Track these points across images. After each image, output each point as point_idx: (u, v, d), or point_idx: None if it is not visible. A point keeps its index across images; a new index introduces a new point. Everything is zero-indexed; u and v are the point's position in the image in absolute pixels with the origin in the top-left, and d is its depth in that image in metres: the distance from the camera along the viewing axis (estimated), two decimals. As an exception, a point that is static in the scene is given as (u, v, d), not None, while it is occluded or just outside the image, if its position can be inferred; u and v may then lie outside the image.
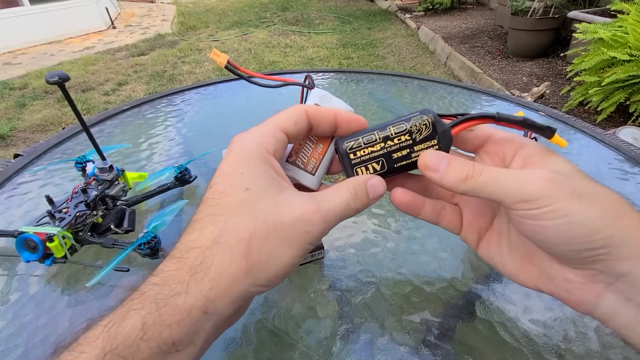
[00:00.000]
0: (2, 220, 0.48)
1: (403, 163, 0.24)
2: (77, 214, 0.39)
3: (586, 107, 2.17)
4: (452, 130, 0.23)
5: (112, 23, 4.98)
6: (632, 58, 1.83)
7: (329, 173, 0.26)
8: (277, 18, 5.17)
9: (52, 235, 0.36)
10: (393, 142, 0.23)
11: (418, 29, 4.15)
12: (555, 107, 2.23)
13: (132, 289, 0.19)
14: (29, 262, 0.37)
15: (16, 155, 0.63)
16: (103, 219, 0.42)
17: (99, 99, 2.88)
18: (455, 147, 0.25)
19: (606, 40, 1.95)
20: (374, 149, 0.23)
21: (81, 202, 0.41)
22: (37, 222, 0.39)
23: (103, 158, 0.45)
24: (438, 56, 3.47)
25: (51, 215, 0.39)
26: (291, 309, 0.36)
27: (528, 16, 2.87)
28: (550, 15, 2.82)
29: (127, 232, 0.42)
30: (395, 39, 4.01)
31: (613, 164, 0.59)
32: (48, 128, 2.48)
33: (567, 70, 2.34)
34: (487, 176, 0.21)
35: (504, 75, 2.81)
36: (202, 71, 3.37)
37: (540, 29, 2.88)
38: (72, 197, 0.41)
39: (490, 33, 3.71)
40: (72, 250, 0.39)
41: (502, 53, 3.21)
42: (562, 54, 2.75)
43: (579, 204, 0.19)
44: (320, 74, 0.94)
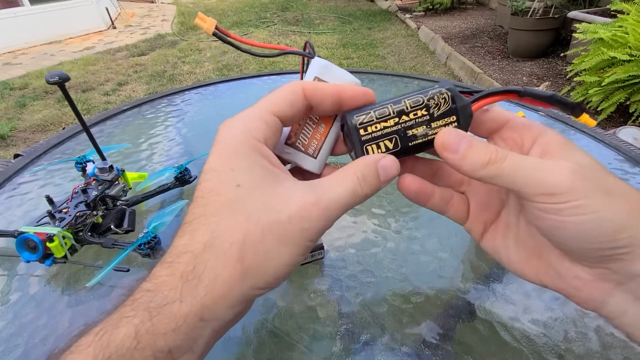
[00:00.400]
0: (2, 220, 0.48)
1: (419, 141, 0.21)
2: (77, 214, 0.39)
3: (586, 107, 2.17)
4: (473, 106, 0.21)
5: (112, 23, 4.98)
6: (632, 58, 1.83)
7: (333, 154, 0.24)
8: (277, 18, 5.17)
9: (52, 235, 0.36)
10: (408, 117, 0.21)
11: (418, 29, 4.15)
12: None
13: (127, 292, 0.18)
14: (29, 262, 0.37)
15: (16, 155, 0.63)
16: (103, 219, 0.42)
17: (99, 99, 2.88)
18: (468, 131, 0.22)
19: (606, 40, 1.95)
20: (386, 124, 0.21)
21: (81, 202, 0.41)
22: (37, 222, 0.39)
23: (103, 158, 0.45)
24: (438, 56, 3.47)
25: (51, 215, 0.39)
26: (291, 309, 0.36)
27: (528, 16, 2.87)
28: (550, 16, 2.82)
29: (127, 232, 0.42)
30: (395, 39, 4.01)
31: (613, 164, 0.59)
32: (48, 128, 2.48)
33: (567, 70, 2.34)
34: (510, 162, 0.19)
35: (504, 75, 2.81)
36: (202, 71, 3.37)
37: (540, 29, 2.88)
38: (72, 197, 0.41)
39: (490, 33, 3.71)
40: (72, 250, 0.39)
41: (502, 53, 3.21)
42: (562, 54, 2.75)
43: (606, 200, 0.18)
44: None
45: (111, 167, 0.45)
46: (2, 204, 0.51)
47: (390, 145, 0.21)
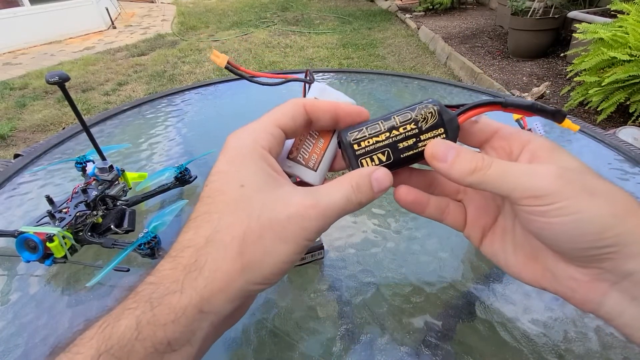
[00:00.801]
0: (2, 220, 0.48)
1: (410, 153, 0.23)
2: (77, 214, 0.39)
3: (586, 107, 2.17)
4: (459, 119, 0.23)
5: (112, 23, 4.98)
6: (632, 58, 1.83)
7: (332, 170, 0.25)
8: (277, 18, 5.17)
9: (52, 235, 0.36)
10: (398, 132, 0.22)
11: (418, 29, 4.15)
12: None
13: (130, 288, 0.19)
14: (29, 262, 0.37)
15: (16, 155, 0.63)
16: (103, 219, 0.42)
17: (99, 99, 2.88)
18: (460, 142, 0.24)
19: (606, 40, 1.95)
20: (378, 139, 0.22)
21: (81, 202, 0.41)
22: (37, 222, 0.39)
23: (103, 158, 0.45)
24: (438, 56, 3.47)
25: (51, 215, 0.39)
26: (291, 309, 0.36)
27: (528, 16, 2.88)
28: (550, 16, 2.82)
29: (127, 232, 0.42)
30: (395, 39, 4.01)
31: (613, 164, 0.59)
32: (48, 128, 2.48)
33: (567, 70, 2.34)
34: (496, 169, 0.20)
35: (504, 75, 2.81)
36: (202, 71, 3.37)
37: (540, 29, 2.88)
38: (72, 197, 0.41)
39: (490, 33, 3.71)
40: (72, 250, 0.39)
41: (502, 53, 3.21)
42: (562, 54, 2.75)
43: (589, 201, 0.19)
44: (320, 74, 0.94)
45: (111, 167, 0.45)
46: (2, 204, 0.51)
47: (383, 158, 0.23)
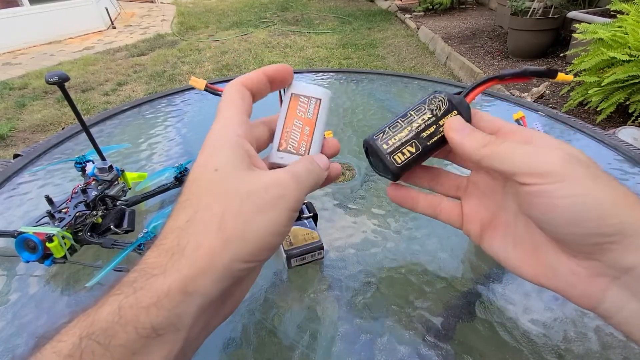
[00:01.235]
0: (2, 220, 0.48)
1: (435, 139, 0.24)
2: (77, 214, 0.39)
3: (586, 107, 2.17)
4: (467, 99, 0.25)
5: (112, 23, 4.98)
6: (632, 58, 1.83)
7: (325, 153, 0.26)
8: (277, 18, 5.17)
9: (51, 235, 0.36)
10: (418, 124, 0.24)
11: (418, 29, 4.15)
12: (555, 108, 2.23)
13: (116, 280, 0.19)
14: (28, 262, 0.37)
15: (16, 156, 0.63)
16: (103, 219, 0.42)
17: (98, 99, 2.88)
18: None
19: (606, 40, 1.95)
20: (402, 134, 0.24)
21: (81, 202, 0.40)
22: (37, 222, 0.39)
23: (103, 158, 0.45)
24: (438, 56, 3.47)
25: (51, 215, 0.39)
26: (291, 309, 0.36)
27: (528, 16, 2.88)
28: (550, 16, 2.82)
29: (126, 232, 0.42)
30: (395, 39, 4.02)
31: (613, 164, 0.59)
32: (48, 128, 2.48)
33: (566, 70, 2.34)
34: (506, 146, 0.21)
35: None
36: (202, 71, 3.37)
37: (540, 29, 2.88)
38: (71, 197, 0.41)
39: (490, 33, 3.71)
40: (72, 250, 0.39)
41: (501, 53, 3.21)
42: (561, 54, 2.75)
43: (593, 185, 0.19)
44: (320, 74, 0.94)
45: (111, 167, 0.45)
46: (1, 204, 0.51)
47: (413, 150, 0.24)
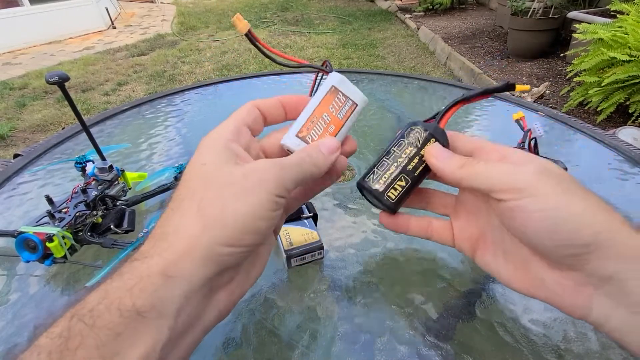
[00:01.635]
0: (2, 220, 0.48)
1: (420, 169, 0.26)
2: (77, 214, 0.39)
3: (586, 108, 2.17)
4: (440, 124, 0.26)
5: (112, 23, 4.98)
6: (632, 58, 1.83)
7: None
8: (277, 18, 5.17)
9: (51, 235, 0.36)
10: (402, 158, 0.26)
11: (418, 29, 4.15)
12: (555, 108, 2.23)
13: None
14: (28, 262, 0.37)
15: (16, 155, 0.63)
16: (103, 219, 0.42)
17: (98, 99, 2.88)
18: None
19: (606, 40, 1.95)
20: (390, 171, 0.26)
21: (81, 202, 0.41)
22: (37, 222, 0.39)
23: (103, 158, 0.45)
24: (438, 56, 3.47)
25: (51, 215, 0.39)
26: (291, 309, 0.36)
27: (528, 16, 2.88)
28: (550, 16, 2.82)
29: (126, 232, 0.42)
30: (395, 39, 4.02)
31: (613, 164, 0.59)
32: (48, 128, 2.48)
33: (567, 70, 2.34)
34: (481, 165, 0.23)
35: (503, 75, 2.81)
36: (202, 71, 3.37)
37: (540, 29, 2.88)
38: (71, 197, 0.41)
39: (490, 33, 3.71)
40: (72, 250, 0.39)
41: (502, 53, 3.21)
42: (562, 55, 2.75)
43: (565, 198, 0.20)
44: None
45: (111, 167, 0.45)
46: (1, 203, 0.51)
47: (403, 183, 0.26)
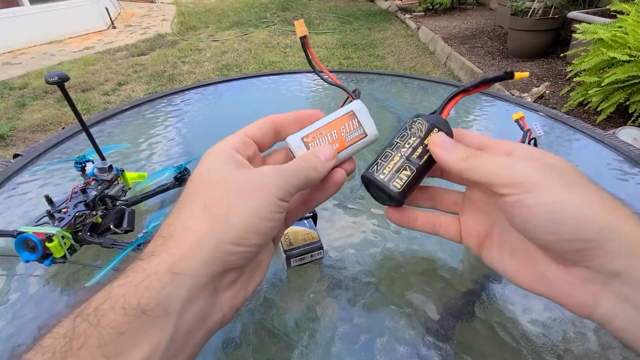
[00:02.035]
0: (2, 220, 0.48)
1: (425, 158, 0.25)
2: (77, 214, 0.39)
3: (586, 108, 2.17)
4: (442, 114, 0.26)
5: (112, 23, 4.98)
6: (632, 58, 1.83)
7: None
8: (277, 18, 5.17)
9: (51, 235, 0.36)
10: (406, 148, 0.26)
11: (418, 29, 4.15)
12: (555, 108, 2.23)
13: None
14: (28, 262, 0.37)
15: (16, 155, 0.63)
16: (102, 219, 0.42)
17: (98, 99, 2.88)
18: None
19: (606, 40, 1.95)
20: (394, 161, 0.26)
21: (80, 202, 0.40)
22: (37, 222, 0.39)
23: (102, 158, 0.45)
24: (438, 56, 3.47)
25: (50, 215, 0.39)
26: (291, 310, 0.36)
27: (528, 16, 2.88)
28: (550, 16, 2.82)
29: (126, 232, 0.42)
30: (395, 39, 4.01)
31: (612, 164, 0.59)
32: (48, 128, 2.48)
33: (566, 70, 2.34)
34: (485, 158, 0.23)
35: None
36: (202, 71, 3.37)
37: (540, 29, 2.88)
38: (71, 197, 0.41)
39: (490, 33, 3.71)
40: (72, 250, 0.39)
41: (501, 53, 3.21)
42: (562, 55, 2.75)
43: (568, 192, 0.20)
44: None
45: (110, 167, 0.45)
46: (1, 203, 0.51)
47: (408, 172, 0.25)
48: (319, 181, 0.25)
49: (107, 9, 4.90)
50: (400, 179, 0.25)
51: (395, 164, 0.25)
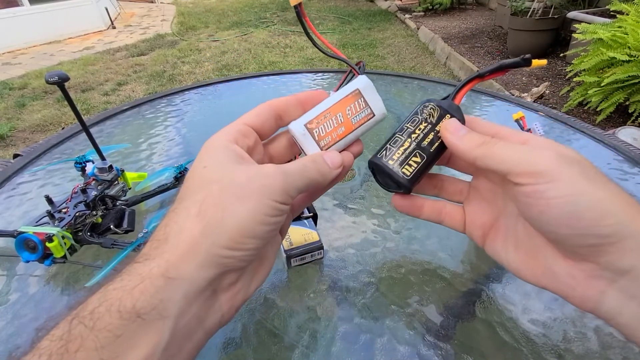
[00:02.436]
0: (2, 221, 0.48)
1: (436, 145, 0.25)
2: (77, 214, 0.39)
3: (586, 108, 2.17)
4: (455, 101, 0.25)
5: (112, 23, 4.98)
6: (632, 58, 1.83)
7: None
8: (276, 18, 5.17)
9: (51, 235, 0.36)
10: (417, 134, 0.25)
11: (418, 29, 4.15)
12: (554, 108, 2.23)
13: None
14: (28, 262, 0.37)
15: (15, 155, 0.63)
16: (102, 219, 0.42)
17: (98, 99, 2.88)
18: None
19: (605, 40, 1.95)
20: (404, 147, 0.25)
21: (81, 202, 0.40)
22: (37, 222, 0.39)
23: (103, 158, 0.45)
24: (438, 56, 3.47)
25: (50, 215, 0.39)
26: (291, 309, 0.36)
27: (528, 16, 2.88)
28: (550, 16, 2.82)
29: (126, 232, 0.42)
30: (395, 39, 4.01)
31: (612, 164, 0.59)
32: (47, 128, 2.47)
33: (566, 70, 2.34)
34: (501, 145, 0.22)
35: (503, 75, 2.80)
36: (202, 71, 3.36)
37: (539, 29, 2.88)
38: (71, 197, 0.41)
39: (489, 33, 3.71)
40: (72, 250, 0.39)
41: (501, 53, 3.21)
42: (561, 55, 2.75)
43: (587, 184, 0.19)
44: (320, 74, 0.94)
45: (110, 167, 0.45)
46: (1, 204, 0.51)
47: (419, 159, 0.24)
48: (323, 186, 0.24)
49: (106, 9, 4.90)
50: (410, 165, 0.24)
51: (406, 150, 0.24)
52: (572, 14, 2.73)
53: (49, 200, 0.40)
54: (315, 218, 0.43)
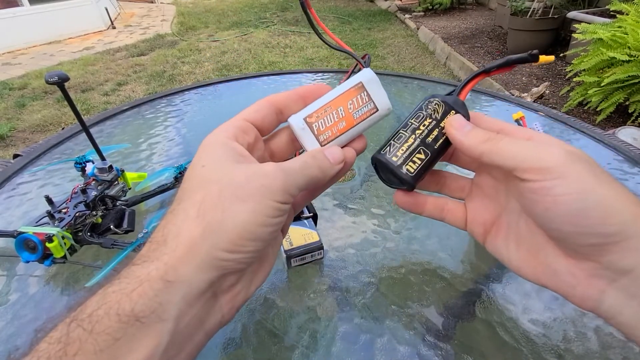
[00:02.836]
0: (2, 221, 0.48)
1: (440, 141, 0.24)
2: (77, 214, 0.39)
3: (585, 108, 2.17)
4: (460, 97, 0.25)
5: (112, 23, 4.98)
6: (632, 58, 1.83)
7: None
8: (276, 18, 5.17)
9: (51, 235, 0.36)
10: (421, 130, 0.24)
11: (418, 29, 4.15)
12: (554, 108, 2.23)
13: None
14: (28, 262, 0.37)
15: (15, 156, 0.63)
16: (102, 219, 0.42)
17: (98, 99, 2.88)
18: None
19: (605, 40, 1.95)
20: (408, 143, 0.24)
21: (81, 202, 0.40)
22: (37, 222, 0.39)
23: (102, 158, 0.45)
24: (438, 56, 3.47)
25: (50, 215, 0.39)
26: (291, 310, 0.36)
27: (527, 16, 2.88)
28: (550, 16, 2.82)
29: (126, 232, 0.42)
30: (395, 39, 4.02)
31: (612, 164, 0.59)
32: (47, 128, 2.47)
33: (566, 70, 2.34)
34: (507, 141, 0.21)
35: (503, 75, 2.81)
36: (202, 71, 3.36)
37: (539, 29, 2.88)
38: (71, 198, 0.41)
39: (489, 33, 3.71)
40: (72, 250, 0.39)
41: (501, 53, 3.21)
42: (561, 55, 2.75)
43: (595, 182, 0.19)
44: (320, 74, 0.94)
45: (110, 167, 0.45)
46: (1, 204, 0.51)
47: (423, 156, 0.24)
48: (324, 182, 0.23)
49: (106, 9, 4.90)
50: (414, 162, 0.24)
51: (410, 146, 0.24)
52: (572, 14, 2.73)
53: (49, 200, 0.40)
54: (315, 218, 0.43)
